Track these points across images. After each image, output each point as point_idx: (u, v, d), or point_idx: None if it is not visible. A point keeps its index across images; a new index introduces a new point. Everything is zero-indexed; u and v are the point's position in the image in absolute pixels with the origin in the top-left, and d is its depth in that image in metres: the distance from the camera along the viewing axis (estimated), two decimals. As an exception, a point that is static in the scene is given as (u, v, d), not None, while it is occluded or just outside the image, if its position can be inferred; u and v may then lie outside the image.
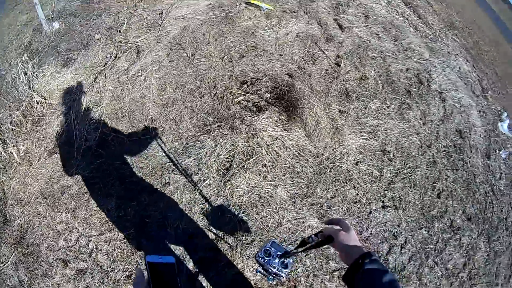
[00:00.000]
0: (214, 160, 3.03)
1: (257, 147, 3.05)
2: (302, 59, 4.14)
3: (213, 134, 3.19)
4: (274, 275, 1.46)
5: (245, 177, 2.88)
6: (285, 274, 1.44)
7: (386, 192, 3.05)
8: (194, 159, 3.10)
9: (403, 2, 6.17)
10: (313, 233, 1.20)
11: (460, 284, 2.72)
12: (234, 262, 2.55)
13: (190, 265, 2.56)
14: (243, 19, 4.77)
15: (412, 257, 2.77)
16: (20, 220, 2.92)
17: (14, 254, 2.75)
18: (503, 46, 6.53)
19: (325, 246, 1.15)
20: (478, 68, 5.19)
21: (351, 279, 0.98)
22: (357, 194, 2.99)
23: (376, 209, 2.95)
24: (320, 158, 3.12)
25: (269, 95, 3.51)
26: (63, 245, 2.72)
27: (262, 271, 1.50)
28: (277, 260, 1.44)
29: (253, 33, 4.49)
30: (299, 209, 2.85)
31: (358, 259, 0.99)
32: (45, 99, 3.95)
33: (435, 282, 2.68)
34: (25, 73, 4.49)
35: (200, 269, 2.53)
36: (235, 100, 3.44)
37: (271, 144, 3.07)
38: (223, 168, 3.00)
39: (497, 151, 3.82)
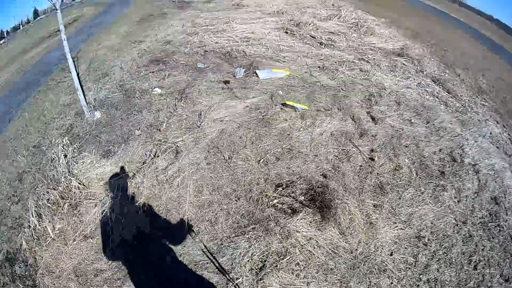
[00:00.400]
0: (248, 260, 4.03)
1: (291, 247, 4.10)
2: (337, 158, 5.44)
3: (247, 236, 4.27)
4: None
5: (278, 276, 3.84)
6: None
7: (421, 276, 3.88)
8: (228, 258, 4.12)
9: (431, 80, 8.02)
10: None
11: None
12: None
13: None
14: (279, 121, 6.32)
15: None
16: (50, 290, 3.95)
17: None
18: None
19: None
20: (508, 126, 6.58)
21: None
22: (391, 283, 3.82)
23: (412, 294, 3.74)
24: (354, 253, 4.07)
25: (303, 197, 4.72)
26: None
27: None
28: None
29: (288, 135, 5.95)
30: (333, 304, 3.70)
31: None
32: (84, 185, 5.35)
33: None
34: (65, 156, 6.04)
35: None
36: (270, 203, 4.68)
37: (304, 244, 4.11)
38: (257, 268, 3.98)
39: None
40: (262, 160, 5.36)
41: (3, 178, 6.66)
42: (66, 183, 5.24)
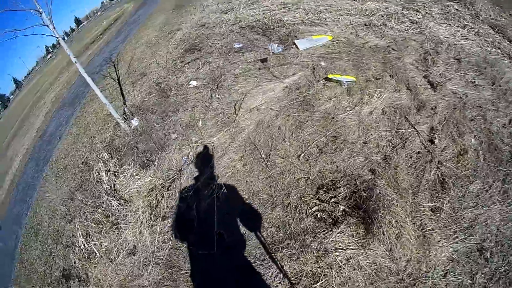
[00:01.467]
0: (279, 282, 3.85)
1: (327, 268, 3.77)
2: (390, 144, 4.80)
3: (280, 254, 4.06)
4: None
5: (312, 303, 3.61)
6: None
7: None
8: (259, 279, 3.98)
9: (490, 27, 6.88)
10: None
11: None
12: None
13: None
14: (322, 101, 5.84)
15: None
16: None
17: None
18: None
19: None
20: None
21: None
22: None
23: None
24: (401, 276, 3.58)
25: (345, 204, 4.26)
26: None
27: None
28: None
29: (333, 118, 5.45)
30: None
31: None
32: (125, 200, 5.72)
33: None
34: (108, 171, 6.47)
35: None
36: (309, 211, 4.32)
37: (344, 264, 3.75)
38: (288, 290, 3.80)
39: None
40: (303, 154, 5.00)
41: (57, 198, 7.30)
42: (108, 201, 5.64)
